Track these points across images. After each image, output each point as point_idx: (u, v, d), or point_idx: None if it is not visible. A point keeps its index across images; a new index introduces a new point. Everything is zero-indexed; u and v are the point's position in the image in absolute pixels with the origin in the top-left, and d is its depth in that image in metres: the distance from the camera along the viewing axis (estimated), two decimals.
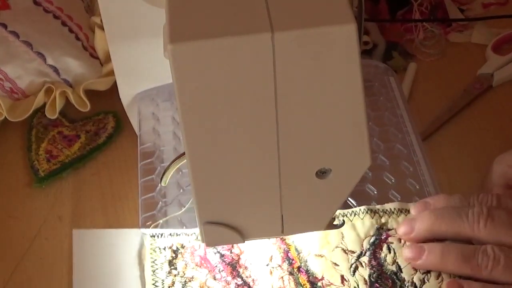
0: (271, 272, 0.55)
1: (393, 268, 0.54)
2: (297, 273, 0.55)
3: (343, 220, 0.55)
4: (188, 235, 0.58)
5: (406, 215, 0.57)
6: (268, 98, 0.40)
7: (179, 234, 0.58)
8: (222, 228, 0.47)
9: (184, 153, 0.45)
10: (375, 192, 0.61)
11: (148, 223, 0.59)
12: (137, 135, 0.70)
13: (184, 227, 0.60)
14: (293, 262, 0.56)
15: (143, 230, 0.59)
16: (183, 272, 0.56)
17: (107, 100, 0.78)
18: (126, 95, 0.72)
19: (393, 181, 0.62)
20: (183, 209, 0.60)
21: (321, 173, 0.45)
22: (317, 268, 0.55)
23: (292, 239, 0.57)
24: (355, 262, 0.55)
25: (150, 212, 0.61)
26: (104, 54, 0.80)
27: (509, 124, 0.75)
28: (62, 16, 0.81)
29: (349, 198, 0.59)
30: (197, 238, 0.58)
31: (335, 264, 0.55)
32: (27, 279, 0.63)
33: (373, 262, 0.55)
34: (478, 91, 0.79)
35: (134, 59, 0.68)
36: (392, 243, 0.55)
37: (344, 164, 0.44)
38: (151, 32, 0.56)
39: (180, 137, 0.67)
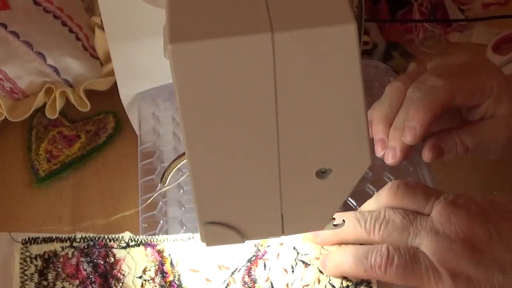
0: (143, 285, 0.54)
1: (266, 285, 0.53)
2: (168, 287, 0.54)
3: (343, 220, 0.55)
4: (62, 241, 0.57)
5: None
6: (268, 98, 0.40)
7: (54, 240, 0.57)
8: (222, 228, 0.47)
9: (184, 153, 0.45)
10: (375, 192, 0.61)
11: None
12: (137, 135, 0.70)
13: (184, 227, 0.60)
14: (166, 275, 0.55)
15: (13, 235, 0.56)
16: (54, 283, 0.55)
17: (107, 100, 0.78)
18: (126, 95, 0.72)
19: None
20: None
21: (321, 173, 0.45)
22: (190, 283, 0.54)
23: (169, 252, 0.56)
24: (228, 278, 0.54)
25: (150, 212, 0.61)
26: (104, 54, 0.80)
27: None
28: (62, 16, 0.81)
29: (349, 198, 0.59)
30: (71, 245, 0.57)
31: (208, 279, 0.54)
32: None
33: (247, 279, 0.54)
34: None
35: (134, 59, 0.68)
36: (268, 259, 0.55)
37: (344, 164, 0.44)
38: (151, 32, 0.56)
39: (180, 137, 0.67)
